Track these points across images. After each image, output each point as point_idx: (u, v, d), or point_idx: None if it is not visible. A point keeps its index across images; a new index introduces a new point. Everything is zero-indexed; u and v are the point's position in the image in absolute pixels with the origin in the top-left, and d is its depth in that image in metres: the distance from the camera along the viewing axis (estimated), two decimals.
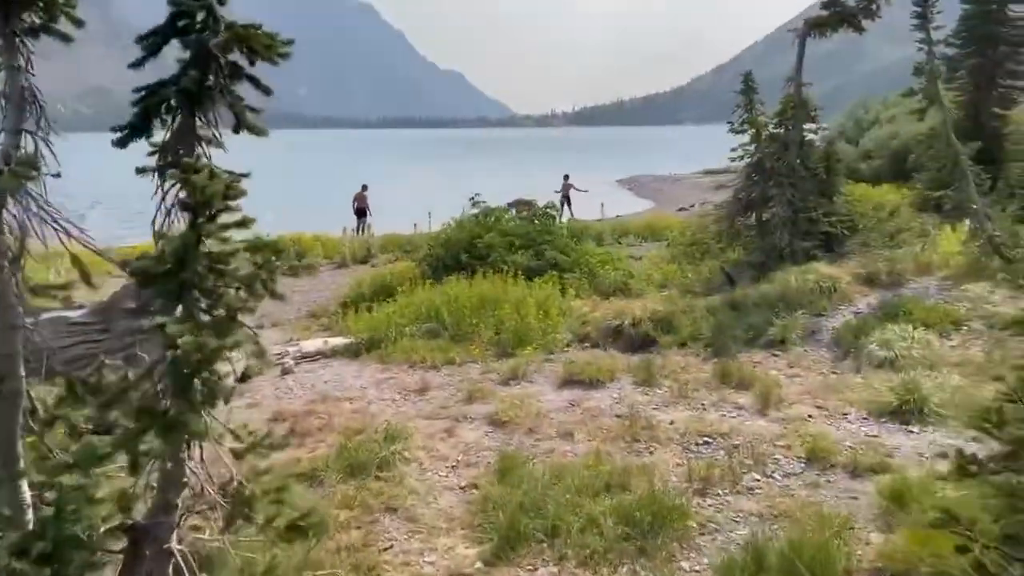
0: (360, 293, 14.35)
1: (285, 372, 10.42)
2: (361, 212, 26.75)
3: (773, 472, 6.25)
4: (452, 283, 12.80)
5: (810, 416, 7.40)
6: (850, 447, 6.59)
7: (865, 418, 7.29)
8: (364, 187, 27.26)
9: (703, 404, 7.95)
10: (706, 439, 6.99)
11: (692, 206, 39.35)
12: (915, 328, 9.48)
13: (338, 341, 11.39)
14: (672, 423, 7.39)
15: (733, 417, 7.53)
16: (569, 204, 29.10)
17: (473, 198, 16.61)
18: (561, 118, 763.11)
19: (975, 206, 12.07)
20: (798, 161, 13.62)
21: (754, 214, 14.26)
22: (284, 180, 75.26)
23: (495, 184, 17.17)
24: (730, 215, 14.36)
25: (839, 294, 11.27)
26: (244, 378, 10.20)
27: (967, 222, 12.98)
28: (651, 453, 6.78)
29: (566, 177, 30.77)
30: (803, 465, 6.35)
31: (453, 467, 6.75)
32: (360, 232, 25.77)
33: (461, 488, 6.33)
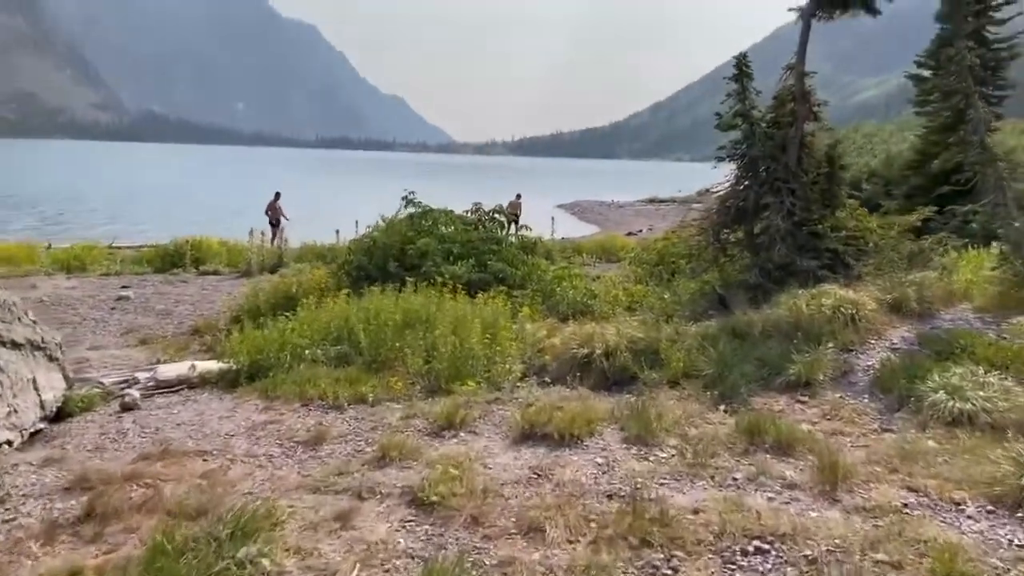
0: (255, 305, 11.34)
1: (126, 408, 7.42)
2: (276, 221, 25.01)
3: None
4: (374, 295, 10.00)
5: (906, 505, 4.81)
6: (1000, 566, 4.02)
7: (991, 510, 4.73)
8: (277, 195, 26.11)
9: (734, 479, 5.27)
10: (758, 545, 4.32)
11: (641, 231, 37.48)
12: (985, 372, 7.10)
13: (210, 366, 8.40)
14: (697, 512, 4.70)
15: (786, 503, 4.88)
16: (517, 223, 27.53)
17: (407, 196, 13.75)
18: (500, 147, 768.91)
19: (1016, 223, 9.86)
20: (798, 164, 11.31)
21: (743, 226, 11.86)
22: (210, 192, 71.17)
23: (434, 203, 14.42)
24: (715, 227, 11.91)
25: (865, 324, 8.88)
26: (60, 415, 7.18)
27: (996, 244, 10.82)
28: (675, 570, 4.08)
29: (518, 196, 30.12)
30: None
31: None
32: (274, 241, 23.05)
33: None
